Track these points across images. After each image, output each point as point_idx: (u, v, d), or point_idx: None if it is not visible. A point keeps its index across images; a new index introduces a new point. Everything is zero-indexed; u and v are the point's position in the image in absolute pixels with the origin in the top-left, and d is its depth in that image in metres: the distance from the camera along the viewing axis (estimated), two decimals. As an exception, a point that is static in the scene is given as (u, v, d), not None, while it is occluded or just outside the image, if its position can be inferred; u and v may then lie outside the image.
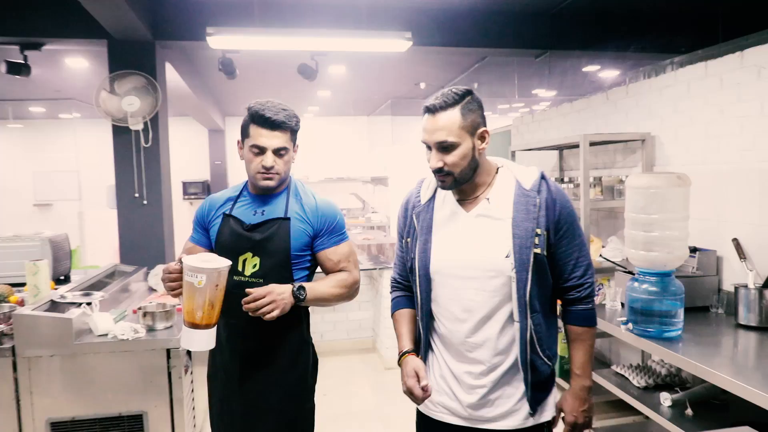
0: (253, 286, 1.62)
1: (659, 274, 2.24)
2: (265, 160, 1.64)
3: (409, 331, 1.57)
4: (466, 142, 1.37)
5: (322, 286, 1.71)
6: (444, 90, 1.40)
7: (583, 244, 1.46)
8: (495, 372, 1.43)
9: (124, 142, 4.65)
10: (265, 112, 1.61)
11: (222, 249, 1.70)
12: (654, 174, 2.42)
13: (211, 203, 1.82)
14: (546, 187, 1.42)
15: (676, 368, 2.74)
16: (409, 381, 1.43)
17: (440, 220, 1.48)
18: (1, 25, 4.45)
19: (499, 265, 1.38)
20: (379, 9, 4.80)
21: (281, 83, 7.63)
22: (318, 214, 1.74)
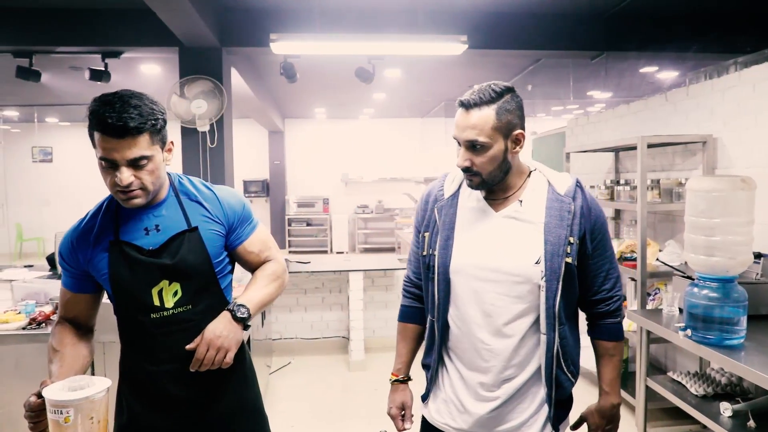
0: (181, 318, 1.34)
1: (721, 280, 2.18)
2: (120, 178, 1.23)
3: (408, 351, 1.52)
4: (498, 144, 1.27)
5: (258, 290, 1.43)
6: (482, 85, 1.28)
7: (613, 257, 1.40)
8: (509, 384, 1.34)
9: (192, 143, 4.94)
10: (106, 115, 1.18)
11: (123, 287, 1.33)
12: (717, 177, 2.36)
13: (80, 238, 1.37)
14: (581, 195, 1.34)
15: (737, 377, 2.65)
16: (393, 411, 1.48)
17: (465, 218, 1.38)
18: (86, 36, 4.85)
19: (527, 271, 1.29)
20: (435, 13, 4.86)
21: (339, 86, 7.83)
22: (223, 207, 1.43)
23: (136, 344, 1.37)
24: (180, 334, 1.32)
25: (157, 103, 1.29)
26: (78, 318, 1.43)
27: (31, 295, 2.83)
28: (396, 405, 1.49)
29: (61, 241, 1.40)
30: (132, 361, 1.39)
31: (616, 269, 1.40)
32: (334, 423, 3.34)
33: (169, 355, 1.34)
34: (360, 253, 11.10)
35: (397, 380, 1.51)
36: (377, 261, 4.82)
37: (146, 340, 1.35)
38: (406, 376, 1.52)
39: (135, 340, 1.37)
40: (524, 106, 1.33)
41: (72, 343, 1.37)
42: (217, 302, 1.40)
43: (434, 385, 1.46)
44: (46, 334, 2.48)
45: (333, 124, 11.45)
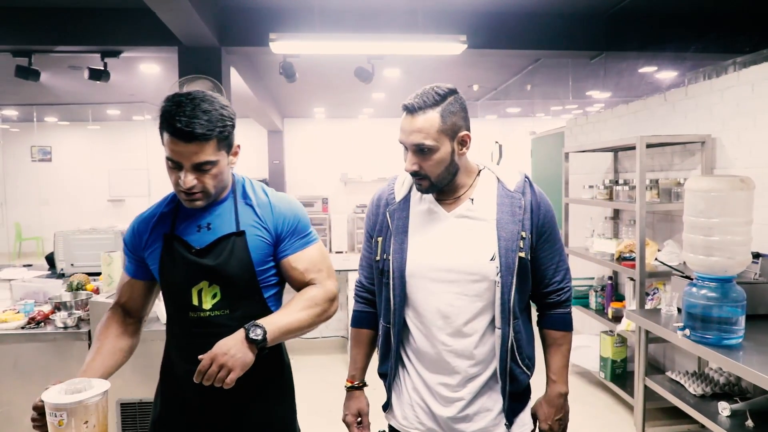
0: (217, 321, 1.32)
1: (719, 280, 2.19)
2: (184, 181, 1.25)
3: (363, 357, 1.50)
4: (444, 147, 1.27)
5: (287, 313, 1.33)
6: (425, 88, 1.28)
7: (562, 249, 1.42)
8: (473, 383, 1.34)
9: (191, 143, 4.93)
10: (176, 118, 1.19)
11: (169, 281, 1.36)
12: (715, 177, 2.36)
13: (142, 223, 1.42)
14: (530, 190, 1.35)
15: (735, 377, 2.65)
16: (348, 418, 1.46)
17: (417, 220, 1.37)
18: (85, 35, 4.85)
19: (483, 268, 1.29)
20: (435, 13, 4.86)
21: (338, 86, 7.83)
22: (274, 214, 1.38)
23: (176, 340, 1.39)
24: (215, 338, 1.24)
25: (228, 108, 1.30)
26: (129, 304, 1.46)
27: (29, 294, 2.83)
28: (351, 412, 1.47)
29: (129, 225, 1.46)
30: (172, 356, 1.41)
31: (565, 261, 1.42)
32: (334, 423, 3.32)
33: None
34: (359, 252, 11.10)
35: (352, 387, 1.49)
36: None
37: (185, 338, 1.36)
38: (361, 382, 1.51)
39: (176, 336, 1.39)
40: (524, 105, 1.33)
41: (115, 335, 1.39)
42: (258, 311, 1.35)
43: (395, 392, 1.44)
44: (45, 333, 2.48)
45: (332, 124, 11.45)
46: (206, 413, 1.36)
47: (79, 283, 2.93)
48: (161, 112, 1.23)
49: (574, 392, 3.75)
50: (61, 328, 2.50)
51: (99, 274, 3.05)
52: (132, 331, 1.45)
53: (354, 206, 11.36)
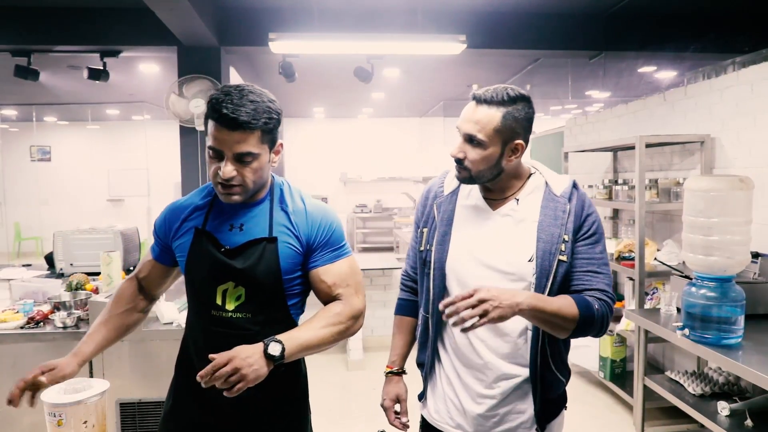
0: (238, 323, 1.30)
1: (718, 280, 2.19)
2: (223, 169, 1.23)
3: (404, 344, 1.52)
4: (494, 146, 1.27)
5: (309, 329, 1.30)
6: (500, 86, 1.29)
7: (605, 261, 1.33)
8: (506, 383, 1.33)
9: (191, 142, 4.94)
10: (223, 107, 1.19)
11: (194, 276, 1.34)
12: (715, 176, 2.36)
13: (174, 211, 1.41)
14: (577, 195, 1.34)
15: (734, 377, 2.65)
16: (386, 403, 1.48)
17: (463, 214, 1.38)
18: (85, 35, 4.85)
19: (521, 268, 1.30)
20: (434, 12, 4.86)
21: (337, 85, 7.82)
22: (308, 223, 1.35)
23: (194, 334, 1.37)
24: (234, 339, 1.23)
25: (275, 102, 1.29)
26: (147, 280, 1.49)
27: (29, 294, 2.83)
28: (390, 397, 1.48)
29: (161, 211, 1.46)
30: (190, 350, 1.39)
31: (608, 276, 1.32)
32: (333, 422, 3.34)
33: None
34: (358, 252, 11.10)
35: (392, 372, 1.51)
36: (376, 260, 4.82)
37: (203, 335, 1.34)
38: (400, 369, 1.52)
39: (194, 330, 1.37)
40: None
41: (125, 309, 1.45)
42: (280, 318, 1.35)
43: (431, 383, 1.45)
44: (45, 333, 2.48)
45: (332, 124, 11.45)
46: (217, 412, 1.34)
47: (78, 282, 2.93)
48: (209, 99, 1.23)
49: (574, 392, 3.75)
50: (61, 328, 2.50)
51: (98, 273, 3.04)
52: (141, 307, 1.49)
53: (353, 206, 11.36)
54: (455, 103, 9.33)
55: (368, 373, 4.11)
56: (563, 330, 1.26)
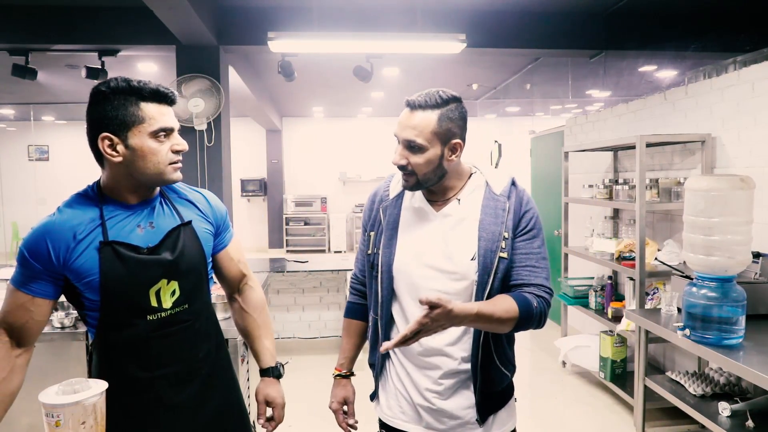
0: (179, 318, 1.31)
1: (719, 280, 2.18)
2: (179, 143, 1.27)
3: (352, 347, 1.57)
4: (434, 148, 1.30)
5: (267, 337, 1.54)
6: (431, 89, 1.33)
7: (544, 255, 1.36)
8: (451, 379, 1.37)
9: (189, 142, 4.91)
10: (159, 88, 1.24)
11: (117, 290, 1.24)
12: (715, 176, 2.36)
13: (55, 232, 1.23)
14: (515, 192, 1.38)
15: (735, 377, 2.65)
16: (334, 405, 1.54)
17: (407, 217, 1.42)
18: (83, 34, 4.83)
19: (464, 267, 1.33)
20: (434, 11, 4.85)
21: (337, 85, 7.81)
22: (212, 208, 1.44)
23: (125, 352, 1.28)
24: (176, 336, 1.30)
25: None
26: (25, 329, 1.25)
27: (26, 294, 2.81)
28: (337, 400, 1.54)
29: (26, 237, 1.25)
30: (118, 371, 1.28)
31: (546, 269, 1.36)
32: (333, 423, 3.32)
33: (165, 359, 1.30)
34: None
35: (340, 375, 1.56)
36: (375, 260, 4.81)
37: (139, 346, 1.27)
38: (348, 371, 1.57)
39: (124, 347, 1.28)
40: (523, 104, 1.32)
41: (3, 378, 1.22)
42: (206, 302, 1.41)
43: (382, 382, 1.50)
44: (43, 333, 2.44)
45: (331, 123, 11.44)
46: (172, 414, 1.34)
47: (76, 283, 2.92)
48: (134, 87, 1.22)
49: (574, 392, 3.74)
50: (58, 328, 2.49)
51: (96, 273, 3.03)
52: (22, 364, 1.27)
53: (353, 206, 11.35)
54: (454, 103, 9.32)
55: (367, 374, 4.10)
56: (503, 329, 1.29)
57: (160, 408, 1.32)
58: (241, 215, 11.20)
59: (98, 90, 1.22)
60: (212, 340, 1.42)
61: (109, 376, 1.23)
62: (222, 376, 1.45)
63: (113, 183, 1.29)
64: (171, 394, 1.31)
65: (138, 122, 1.21)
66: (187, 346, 1.34)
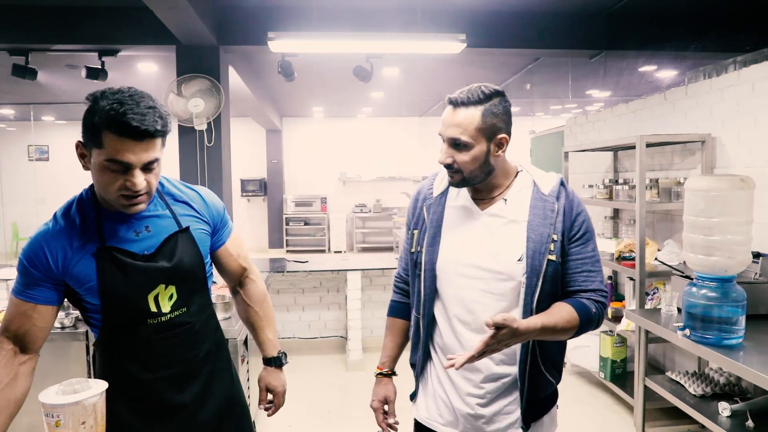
0: (178, 321, 1.32)
1: (719, 280, 2.18)
2: (133, 182, 1.16)
3: (395, 346, 1.55)
4: (480, 145, 1.28)
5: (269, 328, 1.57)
6: (473, 85, 1.30)
7: (597, 259, 1.36)
8: (495, 383, 1.35)
9: (189, 142, 4.92)
10: (129, 117, 1.11)
11: (116, 296, 1.25)
12: (715, 176, 2.36)
13: (55, 242, 1.23)
14: (565, 194, 1.35)
15: (735, 377, 2.65)
16: (375, 404, 1.51)
17: (452, 216, 1.40)
18: (83, 34, 4.82)
19: (510, 268, 1.31)
20: (434, 11, 4.85)
21: (337, 85, 7.81)
22: (208, 206, 1.42)
23: (127, 353, 1.30)
24: (177, 338, 1.32)
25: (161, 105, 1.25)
26: (29, 336, 1.25)
27: (26, 294, 2.81)
28: (378, 398, 1.51)
29: (25, 247, 1.25)
30: (121, 372, 1.30)
31: (600, 273, 1.36)
32: (332, 423, 3.33)
33: (167, 360, 1.32)
34: (358, 252, 11.10)
35: (381, 374, 1.54)
36: (375, 260, 4.81)
37: (140, 349, 1.29)
38: (390, 370, 1.54)
39: (126, 349, 1.30)
40: (523, 104, 1.32)
41: (6, 385, 1.21)
42: (205, 303, 1.42)
43: (422, 382, 1.47)
44: (42, 333, 2.47)
45: (331, 123, 11.43)
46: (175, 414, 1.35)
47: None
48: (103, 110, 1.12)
49: (574, 392, 3.74)
50: (59, 328, 2.49)
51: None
52: (26, 371, 1.26)
53: (353, 206, 11.34)
54: (454, 103, 9.32)
55: (367, 374, 4.10)
56: (564, 338, 1.31)
57: (163, 408, 1.33)
58: (241, 215, 11.20)
59: (88, 96, 1.18)
60: (212, 340, 1.43)
61: (112, 377, 1.25)
62: (223, 375, 1.46)
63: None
64: (173, 394, 1.33)
65: (96, 145, 1.15)
66: (187, 347, 1.35)
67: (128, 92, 1.16)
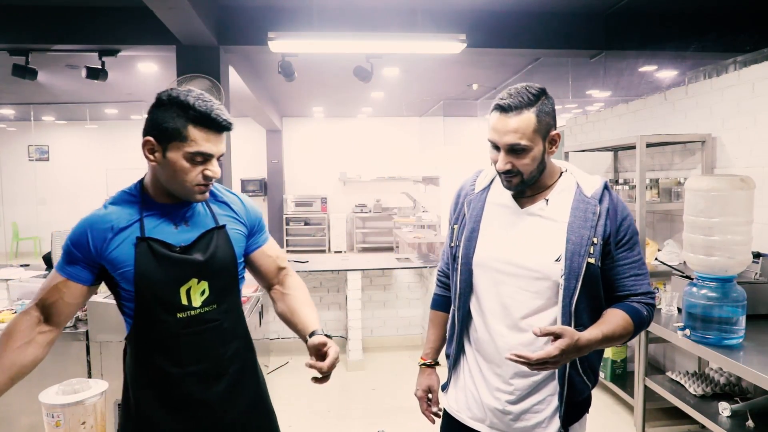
0: (207, 316, 1.35)
1: (719, 280, 2.18)
2: (211, 170, 1.29)
3: (437, 338, 1.59)
4: (537, 146, 1.29)
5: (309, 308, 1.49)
6: (518, 87, 1.30)
7: (643, 262, 1.36)
8: (525, 380, 1.35)
9: (189, 142, 4.91)
10: (212, 112, 1.25)
11: (149, 285, 1.30)
12: (715, 176, 2.36)
13: (98, 224, 1.32)
14: (608, 197, 1.34)
15: (735, 377, 2.65)
16: (419, 393, 1.55)
17: (491, 212, 1.41)
18: (83, 34, 4.83)
19: (547, 267, 1.31)
20: (434, 11, 4.85)
21: (337, 85, 7.81)
22: (247, 210, 1.49)
23: (157, 346, 1.33)
24: (206, 334, 1.35)
25: None
26: (54, 308, 1.32)
27: (27, 294, 2.82)
28: (422, 388, 1.55)
29: (73, 228, 1.35)
30: (150, 364, 1.34)
31: (647, 276, 1.36)
32: (333, 423, 3.33)
33: (195, 356, 1.34)
34: (358, 252, 11.09)
35: (424, 364, 1.58)
36: (375, 260, 4.81)
37: (170, 342, 1.32)
38: (433, 361, 1.58)
39: (156, 341, 1.33)
40: None
41: (18, 345, 1.27)
42: (235, 303, 1.44)
43: (455, 375, 1.50)
44: (42, 333, 2.47)
45: (331, 123, 11.43)
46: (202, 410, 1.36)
47: (76, 283, 2.91)
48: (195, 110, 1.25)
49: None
50: (59, 329, 2.49)
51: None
52: (43, 341, 1.31)
53: (353, 206, 11.34)
54: (455, 103, 9.32)
55: (368, 374, 4.10)
56: (621, 343, 1.33)
57: (191, 404, 1.35)
58: (241, 215, 11.18)
59: (161, 96, 1.28)
60: (240, 340, 1.45)
61: (142, 368, 1.34)
62: (250, 376, 1.47)
63: (152, 183, 1.35)
64: (200, 391, 1.35)
65: (179, 139, 1.26)
66: (215, 344, 1.37)
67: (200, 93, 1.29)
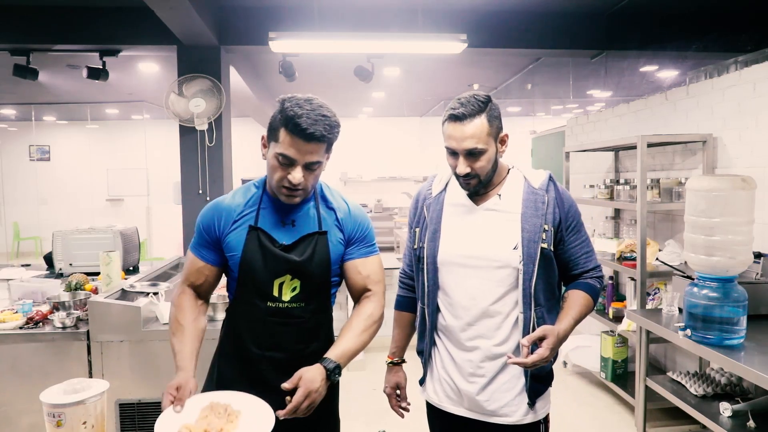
0: (293, 312, 1.45)
1: (720, 280, 2.18)
2: (292, 176, 1.36)
3: (403, 337, 1.71)
4: (491, 148, 1.44)
5: (352, 338, 1.43)
6: (466, 96, 1.43)
7: (589, 241, 1.55)
8: (494, 362, 1.47)
9: (190, 142, 4.92)
10: (302, 121, 1.31)
11: (250, 272, 1.44)
12: (717, 176, 2.35)
13: (222, 210, 1.48)
14: (554, 187, 1.49)
15: (736, 377, 2.64)
16: (388, 390, 1.67)
17: (450, 212, 1.54)
18: (84, 34, 4.83)
19: (506, 256, 1.44)
20: (435, 11, 4.85)
21: (338, 85, 7.81)
22: (351, 219, 1.53)
23: (246, 326, 1.47)
24: (288, 327, 1.46)
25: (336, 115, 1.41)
26: (202, 287, 1.52)
27: (28, 294, 2.82)
28: (390, 385, 1.66)
29: (202, 211, 1.52)
30: (238, 341, 1.48)
31: (593, 252, 1.55)
32: (333, 423, 3.32)
33: (276, 343, 1.45)
34: (359, 252, 11.08)
35: (392, 362, 1.69)
36: (376, 260, 4.80)
37: (257, 325, 1.45)
38: (400, 359, 1.70)
39: (247, 322, 1.47)
40: (524, 104, 1.40)
41: (193, 318, 1.47)
42: (324, 305, 1.53)
43: (429, 368, 1.60)
44: (44, 333, 2.47)
45: (332, 123, 11.42)
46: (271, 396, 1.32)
47: (77, 282, 2.92)
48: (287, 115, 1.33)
49: (575, 392, 3.74)
50: (60, 328, 2.49)
51: (98, 273, 3.04)
52: (204, 311, 1.54)
53: (353, 206, 11.34)
54: (455, 103, 9.31)
55: (368, 374, 4.10)
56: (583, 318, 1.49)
57: (266, 386, 1.40)
58: (242, 215, 11.19)
59: (281, 98, 1.39)
60: (321, 342, 1.50)
61: (230, 340, 1.51)
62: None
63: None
64: (273, 377, 1.40)
65: (274, 139, 1.37)
66: (295, 338, 1.47)
67: (310, 100, 1.37)
